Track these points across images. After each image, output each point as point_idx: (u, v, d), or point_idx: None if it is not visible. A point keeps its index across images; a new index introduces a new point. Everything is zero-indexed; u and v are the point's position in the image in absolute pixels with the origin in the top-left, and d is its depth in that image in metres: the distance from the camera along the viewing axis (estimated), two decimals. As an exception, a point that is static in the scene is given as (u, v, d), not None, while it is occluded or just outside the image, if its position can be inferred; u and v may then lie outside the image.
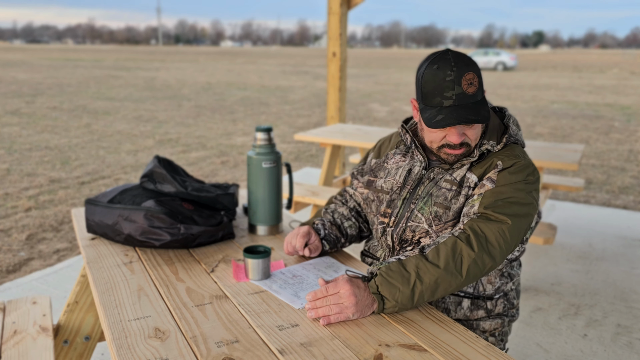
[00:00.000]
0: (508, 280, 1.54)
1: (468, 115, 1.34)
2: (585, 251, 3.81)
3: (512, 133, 1.48)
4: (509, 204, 1.35)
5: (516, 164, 1.41)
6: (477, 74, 1.36)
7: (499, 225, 1.33)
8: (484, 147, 1.43)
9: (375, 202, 1.59)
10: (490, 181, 1.40)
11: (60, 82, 18.86)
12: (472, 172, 1.44)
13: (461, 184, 1.44)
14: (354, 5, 5.09)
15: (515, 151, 1.45)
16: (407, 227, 1.49)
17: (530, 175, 1.41)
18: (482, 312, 1.51)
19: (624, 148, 8.11)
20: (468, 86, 1.34)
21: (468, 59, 1.36)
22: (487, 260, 1.31)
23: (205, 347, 1.14)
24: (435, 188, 1.46)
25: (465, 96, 1.34)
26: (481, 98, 1.38)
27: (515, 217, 1.35)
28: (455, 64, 1.34)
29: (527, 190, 1.39)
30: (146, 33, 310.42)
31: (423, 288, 1.27)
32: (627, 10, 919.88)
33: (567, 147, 3.70)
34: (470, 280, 1.31)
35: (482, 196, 1.38)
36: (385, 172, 1.59)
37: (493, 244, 1.32)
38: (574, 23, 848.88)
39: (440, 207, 1.44)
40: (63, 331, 2.04)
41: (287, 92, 16.66)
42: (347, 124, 4.93)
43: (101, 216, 1.73)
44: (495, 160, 1.43)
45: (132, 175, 6.09)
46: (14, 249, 3.84)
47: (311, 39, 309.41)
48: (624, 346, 2.60)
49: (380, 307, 1.26)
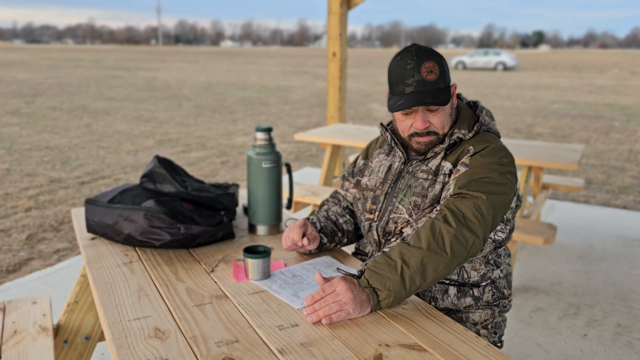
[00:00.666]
0: (494, 267, 1.55)
1: (426, 99, 1.42)
2: (585, 251, 3.81)
3: (483, 122, 1.54)
4: (483, 183, 1.40)
5: (487, 147, 1.46)
6: (439, 63, 1.44)
7: (474, 200, 1.37)
8: (455, 136, 1.50)
9: (361, 200, 1.64)
10: (464, 165, 1.45)
11: (60, 82, 18.86)
12: (446, 160, 1.50)
13: (436, 172, 1.50)
14: (354, 5, 5.09)
15: (487, 137, 1.50)
16: (390, 219, 1.54)
17: (504, 158, 1.45)
18: (470, 300, 1.52)
19: (623, 148, 8.11)
20: (428, 73, 1.42)
21: (430, 51, 1.46)
22: (468, 235, 1.33)
23: (205, 347, 1.14)
24: (413, 179, 1.52)
25: (424, 83, 1.43)
26: (444, 86, 1.44)
27: (490, 193, 1.38)
28: (415, 54, 1.44)
29: (501, 172, 1.42)
30: (146, 33, 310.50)
31: (411, 272, 1.28)
32: (627, 10, 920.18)
33: (567, 147, 3.70)
34: (457, 257, 1.32)
35: (457, 179, 1.43)
36: (369, 170, 1.67)
37: (470, 219, 1.34)
38: (574, 23, 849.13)
39: (418, 196, 1.49)
40: (63, 331, 2.04)
41: (287, 92, 16.66)
42: (347, 124, 4.93)
43: (101, 216, 1.73)
44: (467, 146, 1.48)
45: (132, 175, 6.09)
46: (14, 249, 3.84)
47: (311, 39, 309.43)
48: (623, 346, 2.60)
49: (375, 300, 1.26)
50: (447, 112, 1.49)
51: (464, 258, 1.34)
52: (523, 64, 38.58)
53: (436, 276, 1.31)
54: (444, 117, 1.49)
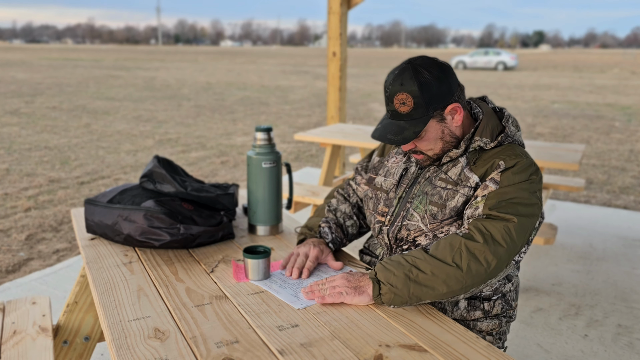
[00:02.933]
0: (506, 281, 1.53)
1: (388, 134, 1.41)
2: (586, 251, 3.81)
3: (509, 133, 1.47)
4: (513, 205, 1.35)
5: (518, 163, 1.40)
6: (413, 94, 1.37)
7: (505, 223, 1.32)
8: (476, 144, 1.44)
9: (373, 200, 1.61)
10: (494, 182, 1.39)
11: (59, 82, 18.86)
12: (472, 172, 1.44)
13: (457, 183, 1.44)
14: (354, 5, 5.08)
15: (517, 150, 1.44)
16: (403, 226, 1.50)
17: (534, 175, 1.40)
18: (479, 313, 1.50)
19: (624, 148, 8.10)
20: (400, 105, 1.39)
21: (410, 76, 1.37)
22: (491, 258, 1.29)
23: (205, 348, 1.13)
24: (430, 187, 1.47)
25: (396, 114, 1.41)
26: (419, 117, 1.39)
27: (521, 216, 1.34)
28: (391, 84, 1.40)
29: (531, 190, 1.38)
30: (146, 33, 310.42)
31: (419, 277, 1.28)
32: (628, 10, 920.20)
33: (567, 147, 3.70)
34: (473, 276, 1.28)
35: (486, 197, 1.37)
36: (385, 170, 1.62)
37: (499, 241, 1.31)
38: (574, 23, 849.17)
39: (436, 205, 1.44)
40: (63, 331, 2.04)
41: (287, 92, 16.66)
42: (347, 124, 4.93)
43: (101, 216, 1.73)
44: (497, 161, 1.42)
45: (132, 175, 6.08)
46: (14, 249, 3.83)
47: (311, 38, 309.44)
48: (624, 346, 2.60)
49: (376, 291, 1.30)
50: (432, 138, 1.43)
51: (482, 279, 1.30)
52: (523, 63, 38.59)
53: (448, 290, 1.28)
54: (429, 142, 1.43)
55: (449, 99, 1.41)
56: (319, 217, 1.70)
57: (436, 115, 1.41)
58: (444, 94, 1.40)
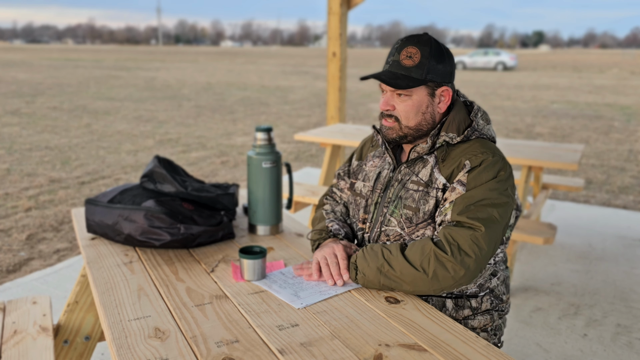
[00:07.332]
0: (491, 277, 1.52)
1: (384, 75, 1.40)
2: (585, 251, 3.81)
3: (476, 127, 1.45)
4: (482, 207, 1.34)
5: (484, 161, 1.38)
6: (423, 52, 1.39)
7: (472, 232, 1.32)
8: (442, 139, 1.43)
9: (353, 206, 1.61)
10: (461, 184, 1.37)
11: (60, 82, 18.86)
12: (439, 172, 1.42)
13: (428, 184, 1.43)
14: (354, 5, 5.09)
15: (484, 146, 1.42)
16: (382, 232, 1.50)
17: (502, 171, 1.38)
18: (468, 311, 1.50)
19: (623, 148, 8.11)
20: (406, 57, 1.41)
21: (426, 40, 1.42)
22: (458, 268, 1.30)
23: (205, 347, 1.14)
24: (403, 190, 1.47)
25: (398, 65, 1.41)
26: (417, 76, 1.40)
27: (489, 221, 1.33)
28: (407, 38, 1.43)
29: (500, 190, 1.36)
30: (146, 33, 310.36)
31: (389, 273, 1.35)
32: (627, 10, 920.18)
33: (567, 147, 3.70)
34: (440, 282, 1.31)
35: (454, 203, 1.36)
36: (363, 174, 1.61)
37: (467, 252, 1.31)
38: (573, 23, 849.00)
39: (410, 209, 1.44)
40: (63, 331, 2.04)
41: (287, 92, 16.66)
42: (347, 124, 4.93)
43: (101, 216, 1.74)
44: (463, 160, 1.40)
45: (132, 175, 6.09)
46: (14, 249, 3.84)
47: (311, 39, 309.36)
48: (623, 346, 2.60)
49: (353, 275, 1.42)
50: (415, 105, 1.42)
51: (450, 286, 1.33)
52: (523, 64, 38.57)
53: (415, 289, 1.35)
54: (410, 108, 1.42)
55: (446, 80, 1.44)
56: (321, 223, 1.67)
57: (430, 85, 1.43)
58: (445, 74, 1.43)
